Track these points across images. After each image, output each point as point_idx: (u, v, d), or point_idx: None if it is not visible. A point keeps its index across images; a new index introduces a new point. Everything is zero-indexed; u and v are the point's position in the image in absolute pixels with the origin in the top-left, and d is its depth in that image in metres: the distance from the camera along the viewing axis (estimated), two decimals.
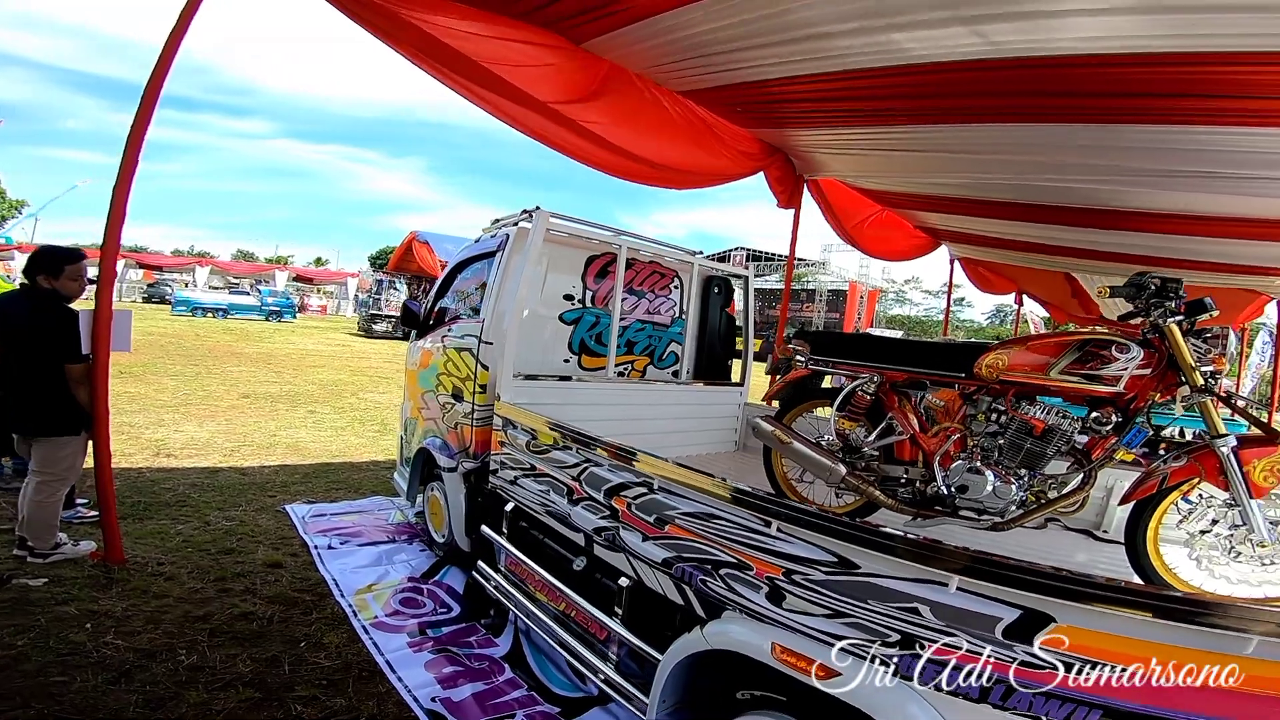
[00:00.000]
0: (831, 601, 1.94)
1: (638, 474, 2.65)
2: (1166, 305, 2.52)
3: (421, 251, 23.11)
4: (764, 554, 2.13)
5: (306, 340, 22.30)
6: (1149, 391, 2.61)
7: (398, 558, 4.60)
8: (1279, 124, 3.51)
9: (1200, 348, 2.54)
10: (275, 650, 3.27)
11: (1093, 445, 2.77)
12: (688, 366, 4.91)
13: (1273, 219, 4.95)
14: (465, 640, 3.63)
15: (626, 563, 2.70)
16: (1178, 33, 2.96)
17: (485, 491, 3.88)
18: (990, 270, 10.02)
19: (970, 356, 2.93)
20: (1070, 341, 2.71)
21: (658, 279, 4.79)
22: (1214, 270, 6.78)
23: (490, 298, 4.05)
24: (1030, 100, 3.85)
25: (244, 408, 9.42)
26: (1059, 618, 1.58)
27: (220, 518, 4.95)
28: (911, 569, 1.81)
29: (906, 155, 5.15)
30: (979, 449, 2.94)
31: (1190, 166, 4.26)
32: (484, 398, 3.97)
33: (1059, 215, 5.84)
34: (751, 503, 2.18)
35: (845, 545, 1.94)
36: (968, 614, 1.69)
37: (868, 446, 3.16)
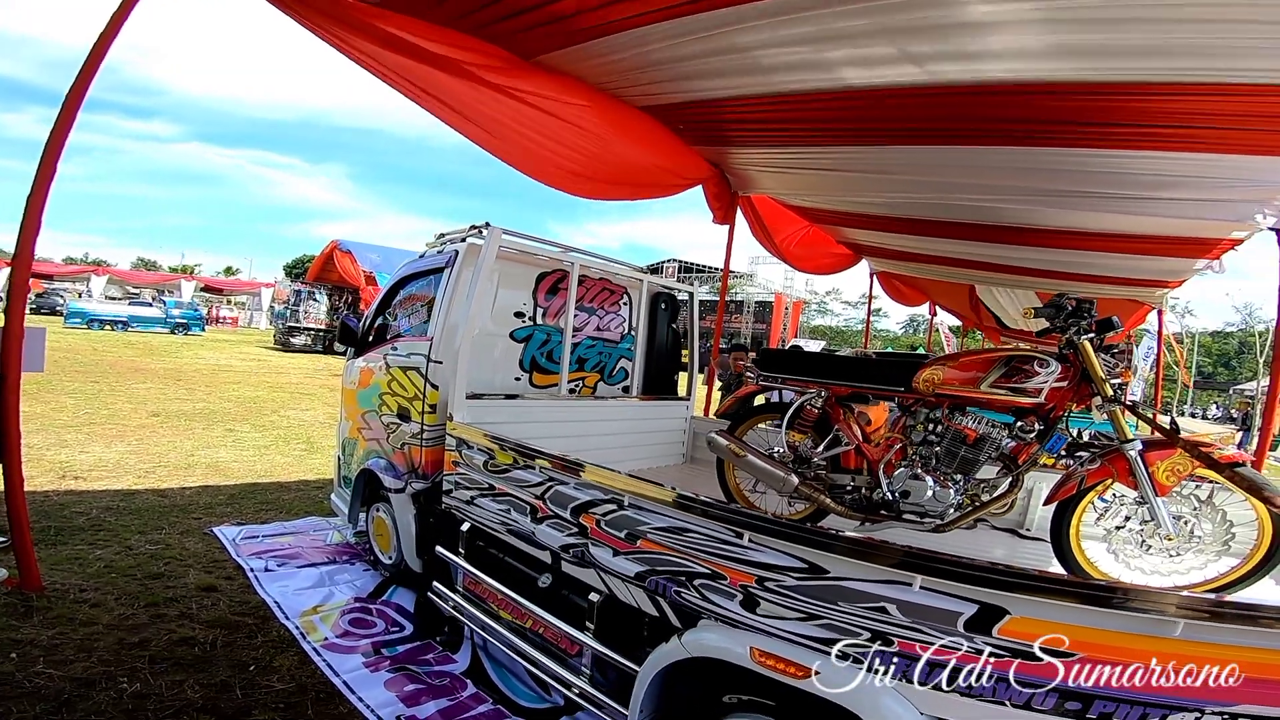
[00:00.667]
0: (804, 605, 2.08)
1: (607, 491, 2.71)
2: (1080, 323, 2.82)
3: (344, 261, 22.41)
4: (737, 564, 2.23)
5: (218, 354, 21.18)
6: (1066, 402, 2.90)
7: (340, 578, 4.52)
8: (1162, 148, 3.89)
9: (1109, 362, 2.85)
10: (223, 675, 3.19)
11: (1018, 451, 3.02)
12: (637, 382, 5.00)
13: (1154, 235, 5.46)
14: (422, 658, 3.61)
15: (597, 578, 2.75)
16: (1082, 65, 3.29)
17: (437, 512, 3.84)
18: (904, 283, 10.59)
19: (909, 371, 3.17)
20: (997, 358, 2.98)
21: (608, 296, 4.87)
22: (1103, 282, 7.36)
23: (439, 315, 4.03)
24: (948, 124, 4.14)
25: (155, 427, 8.97)
26: (1012, 610, 1.76)
27: (143, 541, 4.76)
28: (878, 571, 1.95)
29: (835, 175, 5.43)
30: (918, 457, 3.16)
31: (1085, 187, 4.66)
32: (434, 418, 3.93)
33: (968, 231, 6.28)
34: (724, 516, 2.28)
35: (814, 552, 2.07)
36: (931, 610, 1.86)
37: (816, 457, 3.33)
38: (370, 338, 4.84)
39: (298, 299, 27.13)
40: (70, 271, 41.63)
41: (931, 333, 18.10)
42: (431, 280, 4.29)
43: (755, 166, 5.73)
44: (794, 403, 3.43)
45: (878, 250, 8.44)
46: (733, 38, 3.56)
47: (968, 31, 3.20)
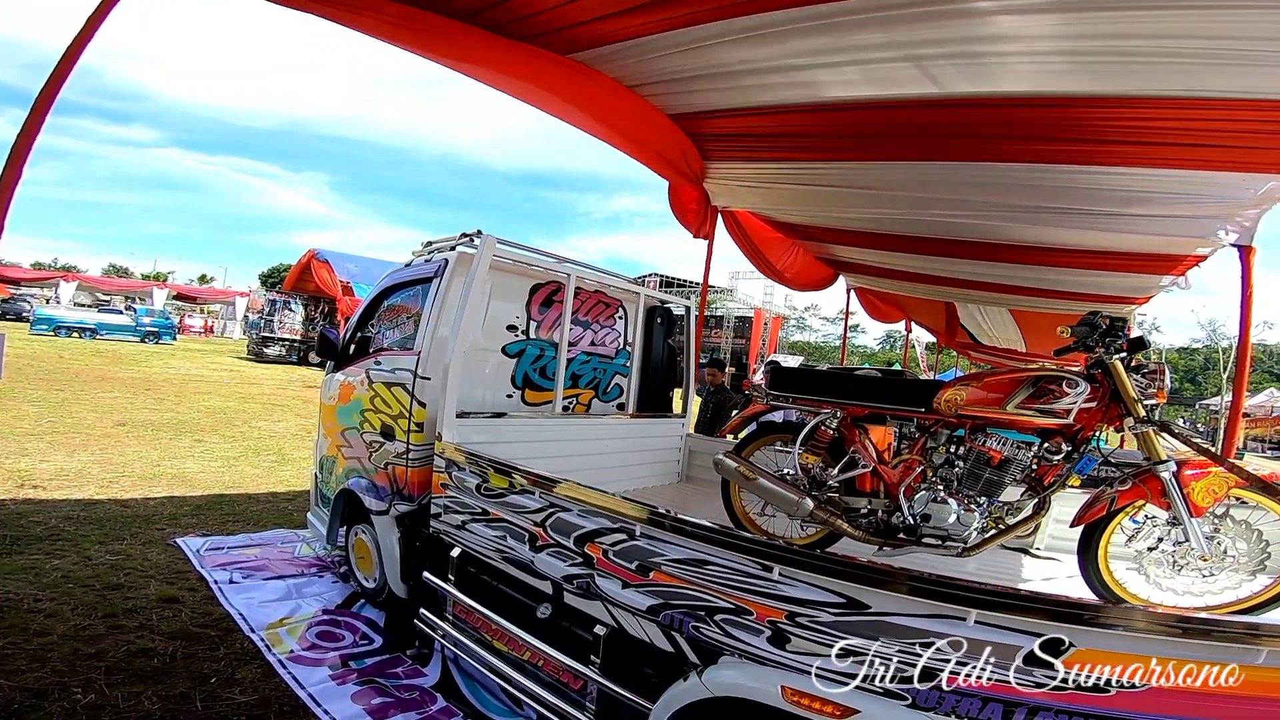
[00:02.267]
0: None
1: (615, 519, 2.52)
2: (1111, 342, 2.72)
3: (320, 271, 21.96)
4: (765, 598, 2.06)
5: (189, 364, 20.64)
6: (1096, 422, 2.79)
7: (308, 591, 4.39)
8: (1131, 164, 3.93)
9: (1141, 382, 2.74)
10: (183, 687, 3.10)
11: (1044, 473, 2.91)
12: (632, 399, 4.81)
13: (1123, 251, 5.52)
14: (391, 671, 3.52)
15: (604, 610, 2.55)
16: (1054, 83, 3.34)
17: (424, 536, 3.61)
18: (881, 300, 10.65)
19: (929, 392, 3.04)
20: (1024, 378, 2.86)
21: (602, 309, 4.69)
22: (1073, 299, 7.43)
23: (428, 328, 3.81)
24: (924, 140, 4.17)
25: (120, 436, 8.69)
26: (1078, 642, 1.65)
27: (102, 552, 4.63)
28: (927, 606, 1.81)
29: (813, 190, 5.47)
30: (940, 479, 3.02)
31: (1056, 203, 4.71)
32: (421, 437, 3.71)
33: (943, 248, 6.34)
34: (752, 549, 2.11)
35: (855, 587, 1.90)
36: (987, 645, 1.73)
37: (832, 479, 3.16)
38: (351, 350, 4.60)
39: (273, 308, 26.54)
40: (38, 277, 40.21)
41: (908, 349, 18.21)
42: (419, 291, 4.07)
43: (734, 181, 5.72)
44: (806, 423, 3.26)
45: (855, 266, 8.51)
46: (716, 53, 3.56)
47: (942, 49, 3.24)
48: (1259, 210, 4.22)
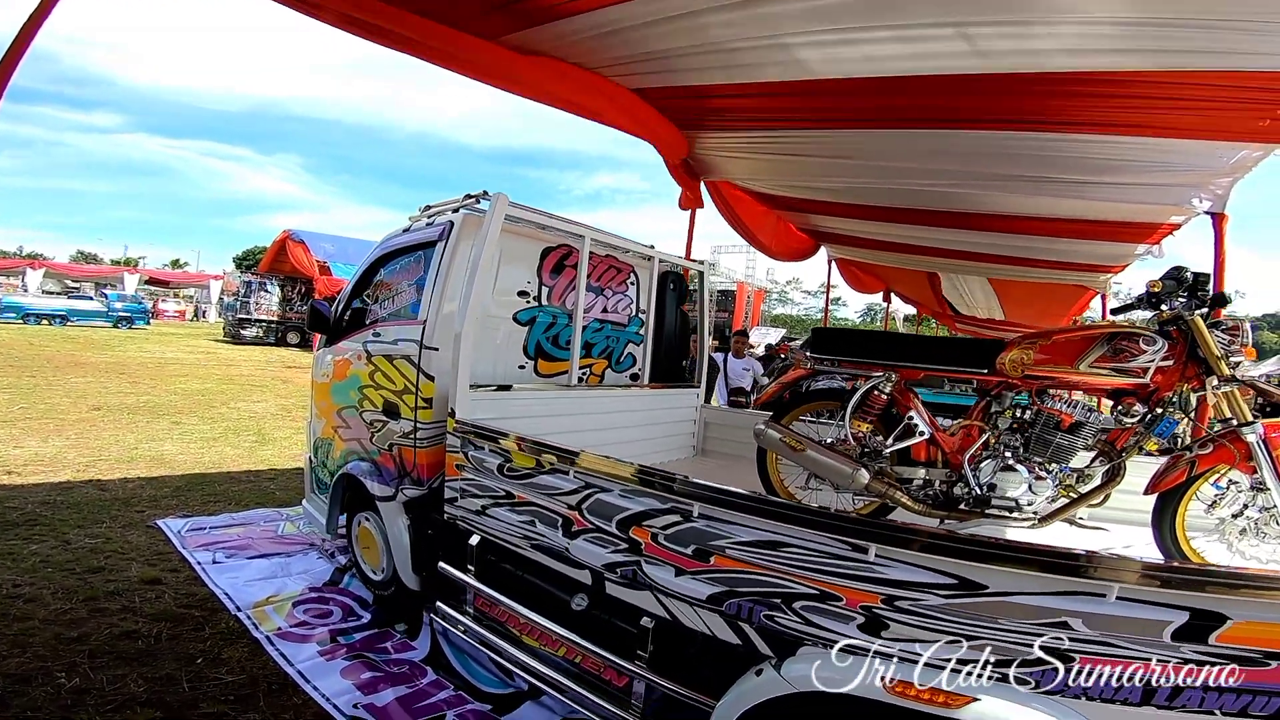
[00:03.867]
0: (953, 626, 1.69)
1: (665, 500, 2.25)
2: (1191, 299, 2.53)
3: (296, 251, 21.47)
4: (856, 581, 1.80)
5: (164, 348, 20.10)
6: (1173, 382, 2.57)
7: (294, 569, 4.33)
8: (1106, 132, 3.91)
9: (1223, 339, 2.52)
10: (169, 668, 3.05)
11: (1117, 437, 2.70)
12: (646, 369, 4.53)
13: (1099, 219, 5.51)
14: (380, 646, 3.48)
15: (653, 601, 2.27)
16: (1032, 55, 3.30)
17: (439, 523, 3.32)
18: (862, 270, 10.58)
19: (991, 352, 2.82)
20: (1097, 335, 2.65)
21: (614, 274, 4.38)
22: (1050, 267, 7.42)
23: (433, 295, 3.49)
24: (904, 109, 4.16)
25: (95, 421, 8.48)
26: (1233, 615, 1.49)
27: (81, 535, 4.55)
28: (1058, 582, 1.60)
29: (795, 160, 5.43)
30: (1005, 445, 2.79)
31: (1033, 171, 4.71)
32: (430, 414, 3.40)
33: (922, 217, 6.33)
34: (843, 527, 1.84)
35: (969, 565, 1.66)
36: (1129, 621, 1.55)
37: (886, 448, 2.92)
38: (344, 324, 4.25)
39: (248, 290, 25.91)
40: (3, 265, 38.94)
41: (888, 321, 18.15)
42: (420, 256, 3.73)
43: (717, 152, 5.67)
44: (857, 388, 3.00)
45: (836, 237, 8.48)
46: (695, 21, 3.44)
47: (920, 18, 3.17)
48: (1231, 178, 4.24)
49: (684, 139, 5.36)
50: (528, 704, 3.01)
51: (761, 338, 22.63)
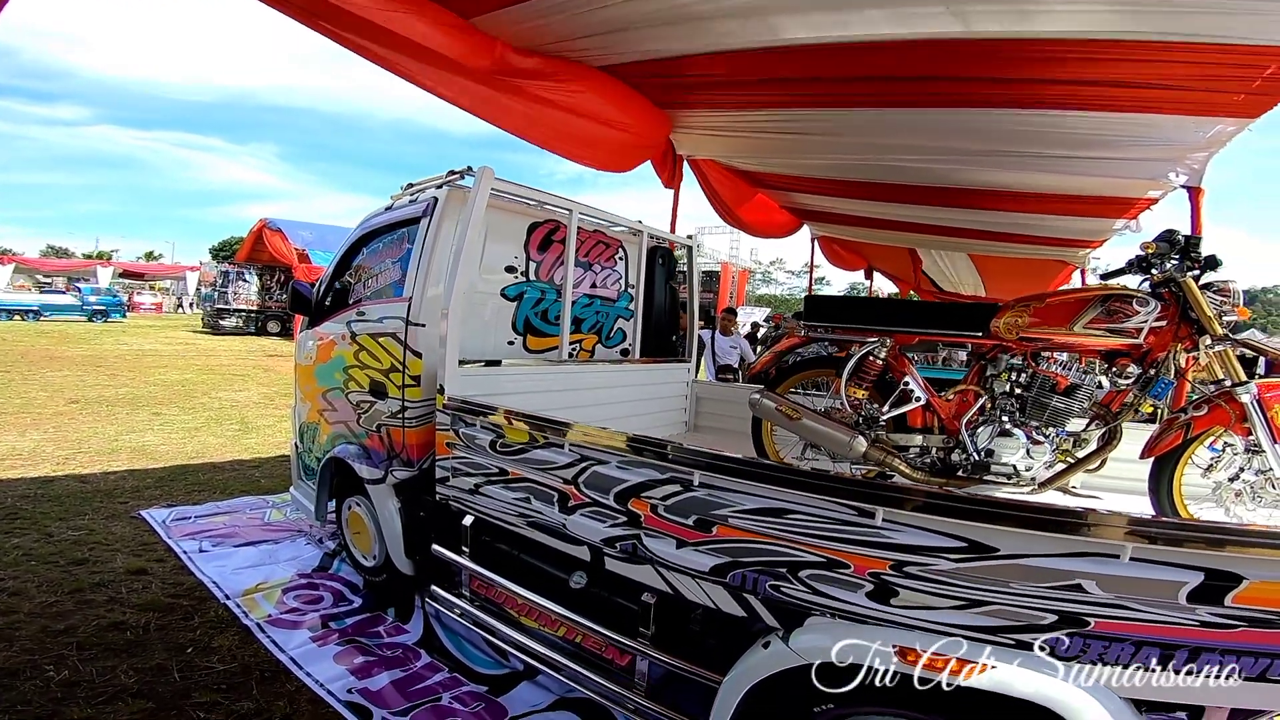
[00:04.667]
0: (964, 591, 1.65)
1: (664, 469, 2.20)
2: (1183, 261, 2.54)
3: (274, 240, 21.13)
4: (864, 548, 1.76)
5: (142, 340, 19.75)
6: (1167, 343, 2.58)
7: (282, 555, 4.31)
8: (1083, 108, 3.94)
9: (1216, 300, 2.53)
10: (159, 658, 3.02)
11: (1112, 400, 2.70)
12: (636, 344, 4.47)
13: (1077, 194, 5.57)
14: (372, 630, 3.45)
15: (654, 575, 2.23)
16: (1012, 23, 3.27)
17: (430, 504, 3.26)
18: (844, 248, 10.63)
19: (985, 315, 2.81)
20: (1091, 297, 2.66)
21: (602, 250, 4.30)
22: (1030, 242, 7.49)
23: (418, 271, 3.40)
24: (884, 85, 4.16)
25: (74, 414, 8.34)
26: (1249, 574, 1.45)
27: (64, 528, 4.49)
28: (1072, 543, 1.56)
29: (777, 138, 5.43)
30: (1001, 410, 2.78)
31: (1012, 147, 4.75)
32: (418, 391, 3.33)
33: (904, 193, 6.39)
34: (848, 491, 1.80)
35: (980, 527, 1.63)
36: (1143, 583, 1.51)
37: (882, 415, 2.90)
38: (328, 304, 4.15)
39: (226, 280, 25.48)
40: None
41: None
42: (404, 234, 3.63)
43: (699, 130, 5.65)
44: (851, 354, 2.97)
45: (819, 214, 8.53)
46: None
47: None
48: (1207, 153, 4.29)
49: (665, 117, 5.31)
50: (524, 684, 2.99)
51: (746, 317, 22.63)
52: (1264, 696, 1.49)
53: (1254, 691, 1.48)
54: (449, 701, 2.84)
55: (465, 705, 2.81)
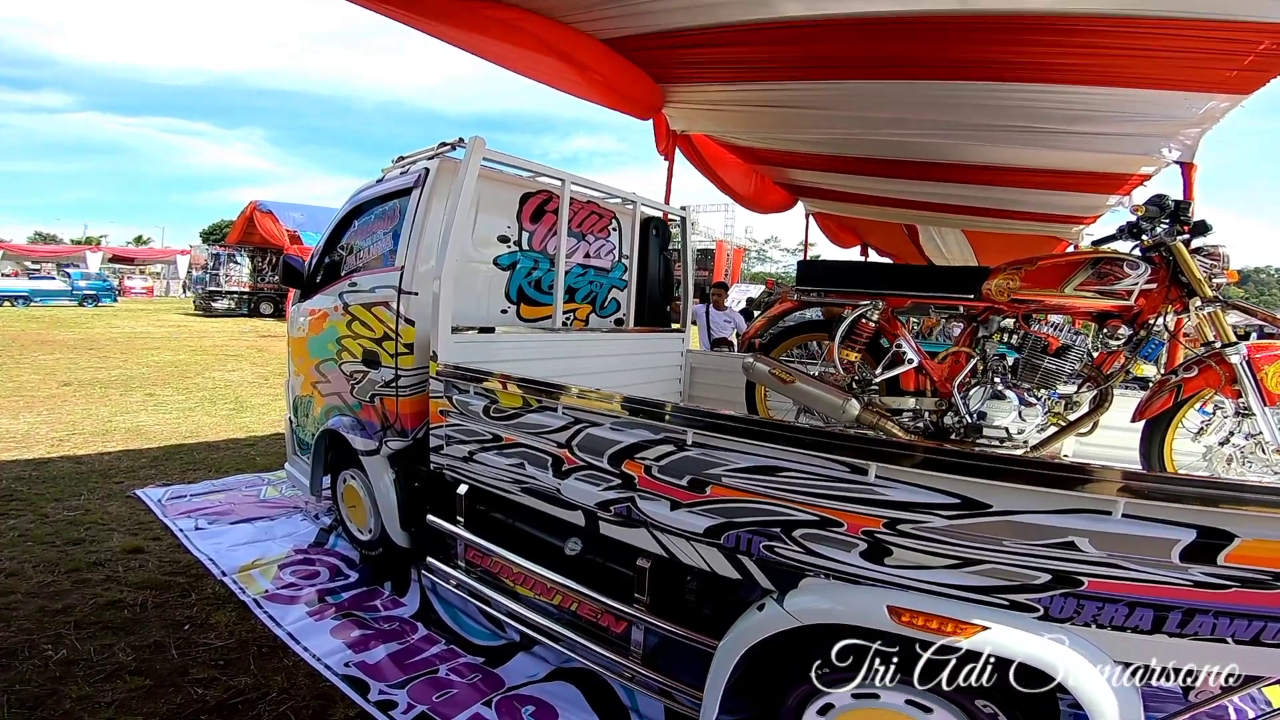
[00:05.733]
0: (957, 550, 1.64)
1: (657, 429, 2.19)
2: (1173, 225, 2.54)
3: (264, 222, 21.09)
4: (857, 505, 1.76)
5: (134, 323, 19.63)
6: (1158, 305, 2.59)
7: (278, 532, 4.30)
8: (1077, 83, 3.96)
9: (1205, 263, 2.53)
10: (156, 636, 3.02)
11: (1103, 361, 2.71)
12: (630, 314, 4.46)
13: (1071, 170, 5.62)
14: (369, 604, 3.45)
15: (649, 538, 2.23)
16: None
17: (424, 474, 3.26)
18: (839, 224, 10.74)
19: (977, 279, 2.80)
20: (1081, 260, 2.66)
21: (596, 220, 4.26)
22: (1024, 218, 7.58)
23: (410, 240, 3.37)
24: (879, 57, 4.16)
25: (66, 396, 8.30)
26: (1241, 533, 1.43)
27: (59, 509, 4.48)
28: (1064, 499, 1.54)
29: (771, 111, 5.44)
30: (993, 371, 2.79)
31: (1007, 121, 4.76)
32: (411, 360, 3.31)
33: (899, 169, 6.41)
34: (842, 446, 1.79)
35: (972, 483, 1.62)
36: (1135, 540, 1.50)
37: (875, 378, 2.90)
38: (319, 278, 4.12)
39: (217, 263, 25.30)
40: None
41: None
42: (396, 205, 3.60)
43: (691, 105, 5.66)
44: (844, 317, 2.96)
45: (813, 190, 8.59)
46: None
47: None
48: (1200, 129, 4.31)
49: (659, 91, 5.28)
50: (520, 655, 2.99)
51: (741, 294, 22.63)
52: (1258, 661, 1.47)
53: (1248, 656, 1.47)
54: (446, 673, 2.84)
55: (462, 677, 2.81)
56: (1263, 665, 1.49)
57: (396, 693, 2.67)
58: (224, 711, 2.52)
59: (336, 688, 2.69)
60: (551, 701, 2.65)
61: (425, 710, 2.57)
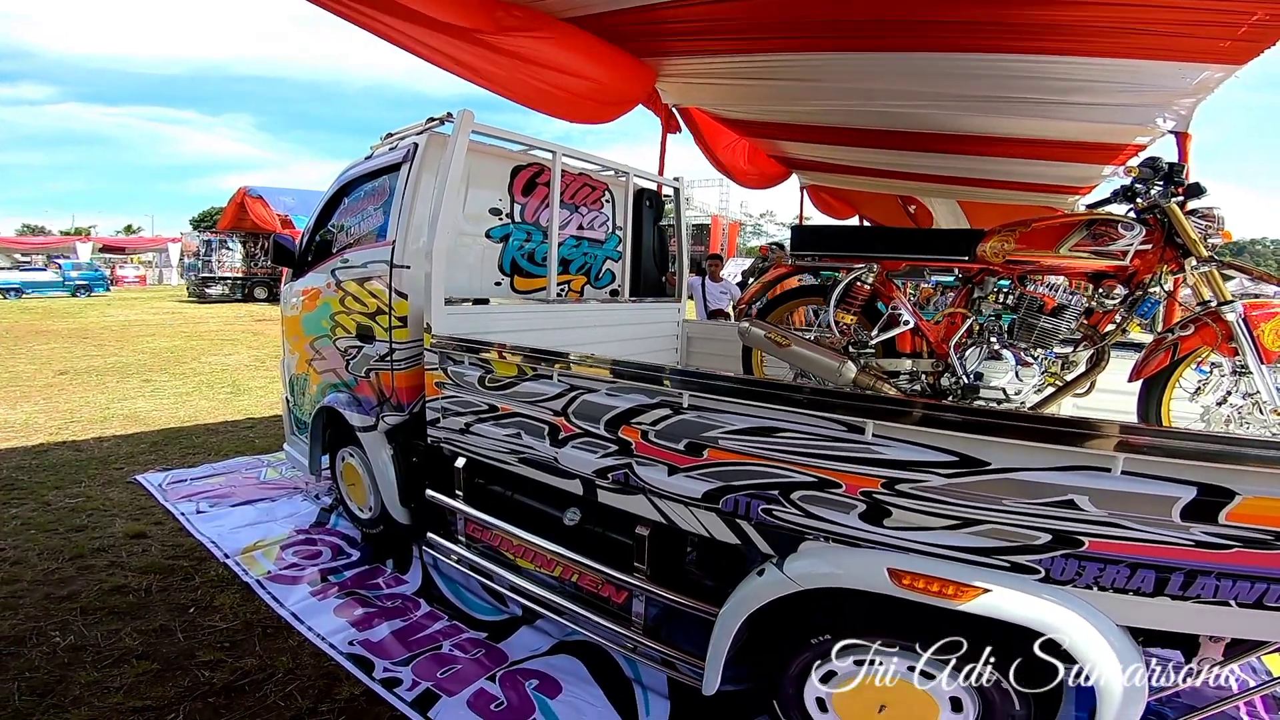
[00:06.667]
0: (956, 510, 1.63)
1: (653, 393, 2.18)
2: (1167, 187, 2.53)
3: (255, 207, 20.98)
4: (855, 465, 1.75)
5: (128, 311, 19.51)
6: (1153, 266, 2.58)
7: (279, 513, 4.30)
8: (1072, 53, 3.94)
9: (1200, 224, 2.53)
10: (162, 620, 3.03)
11: (1099, 320, 2.70)
12: (626, 284, 4.43)
13: (1066, 140, 5.58)
14: (372, 582, 3.46)
15: (647, 505, 2.23)
16: None
17: (421, 449, 3.26)
18: (833, 196, 10.61)
19: (971, 241, 2.79)
20: (1076, 222, 2.65)
21: (589, 193, 4.22)
22: (1020, 189, 7.54)
23: (401, 214, 3.33)
24: (873, 29, 4.11)
25: (63, 385, 8.27)
26: (1242, 490, 1.40)
27: (61, 496, 4.50)
28: (1063, 456, 1.52)
29: (761, 84, 5.40)
30: (989, 332, 2.78)
31: (1001, 92, 4.75)
32: (405, 333, 3.29)
33: (892, 140, 6.37)
34: (838, 404, 1.77)
35: (970, 439, 1.60)
36: (1136, 498, 1.47)
37: (872, 340, 2.89)
38: (310, 256, 4.08)
39: (209, 249, 25.14)
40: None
41: None
42: (386, 180, 3.55)
43: (685, 78, 5.59)
44: (839, 281, 2.95)
45: (807, 163, 8.54)
46: None
47: None
48: (1194, 99, 4.32)
49: (648, 68, 5.21)
50: (523, 629, 3.00)
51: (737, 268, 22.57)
52: (1261, 625, 1.45)
53: (1251, 620, 1.44)
54: (449, 649, 2.84)
55: (465, 652, 2.82)
56: (1266, 630, 1.47)
57: (401, 670, 2.68)
58: (231, 693, 2.53)
59: (341, 666, 2.70)
60: (555, 675, 2.65)
61: (430, 686, 2.58)
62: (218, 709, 2.43)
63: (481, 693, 2.55)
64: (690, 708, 2.42)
